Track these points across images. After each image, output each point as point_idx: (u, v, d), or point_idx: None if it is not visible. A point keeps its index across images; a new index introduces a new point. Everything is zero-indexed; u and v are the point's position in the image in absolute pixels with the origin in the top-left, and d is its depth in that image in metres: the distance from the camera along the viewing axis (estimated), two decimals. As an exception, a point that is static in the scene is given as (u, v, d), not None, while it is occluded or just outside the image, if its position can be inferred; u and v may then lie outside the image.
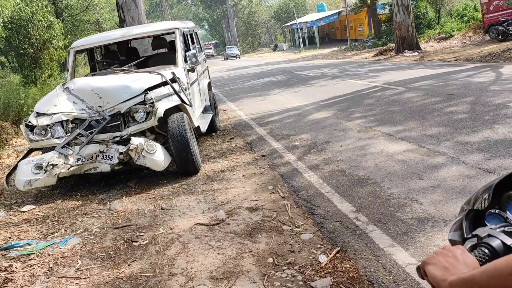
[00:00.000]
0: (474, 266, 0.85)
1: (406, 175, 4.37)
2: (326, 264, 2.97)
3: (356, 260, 2.97)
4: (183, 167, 5.24)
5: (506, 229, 0.99)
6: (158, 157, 4.91)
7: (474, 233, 1.02)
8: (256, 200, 4.33)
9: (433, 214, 3.43)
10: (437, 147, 5.09)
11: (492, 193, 1.16)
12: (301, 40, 42.05)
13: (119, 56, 7.59)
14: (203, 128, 6.48)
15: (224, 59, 45.27)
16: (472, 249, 0.97)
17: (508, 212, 1.19)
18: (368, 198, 3.99)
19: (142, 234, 3.82)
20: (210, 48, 55.35)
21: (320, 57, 27.16)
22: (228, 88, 16.19)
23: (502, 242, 0.94)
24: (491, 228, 1.01)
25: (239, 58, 44.92)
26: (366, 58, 21.37)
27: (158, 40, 7.50)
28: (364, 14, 33.90)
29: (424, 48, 19.75)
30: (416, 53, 18.02)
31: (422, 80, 10.40)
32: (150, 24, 8.84)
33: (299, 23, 41.95)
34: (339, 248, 3.16)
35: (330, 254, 3.09)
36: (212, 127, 7.57)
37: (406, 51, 18.61)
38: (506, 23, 16.44)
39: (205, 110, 7.45)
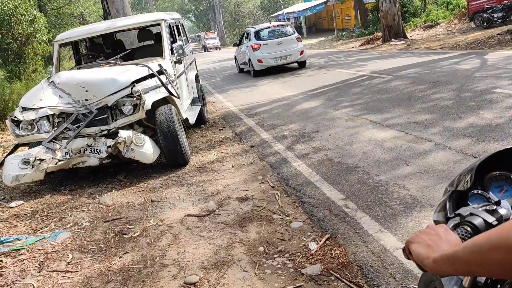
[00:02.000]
0: (457, 243, 0.87)
1: (394, 162, 4.42)
2: (316, 251, 3.01)
3: (346, 247, 3.02)
4: (172, 159, 5.23)
5: (488, 207, 1.02)
6: (146, 149, 4.90)
7: (457, 212, 1.05)
8: (246, 191, 4.35)
9: (420, 199, 3.48)
10: (424, 133, 5.15)
11: (474, 174, 1.19)
12: (288, 30, 41.91)
13: (104, 48, 7.52)
14: (192, 120, 6.47)
15: (204, 51, 45.59)
16: (455, 227, 0.99)
17: (490, 192, 1.23)
18: (357, 185, 4.04)
19: (133, 226, 3.83)
20: (214, 38, 49.17)
21: (307, 47, 27.05)
22: (216, 79, 16.12)
23: (484, 220, 0.97)
24: (473, 208, 1.04)
25: (219, 49, 44.67)
26: (353, 47, 21.38)
27: (144, 32, 7.44)
28: (350, 4, 33.85)
29: (411, 36, 19.83)
30: (402, 42, 18.09)
31: (408, 68, 10.47)
32: (135, 16, 8.75)
33: (285, 13, 41.77)
34: (329, 235, 3.20)
35: (320, 241, 3.13)
36: (201, 119, 7.55)
37: (392, 39, 18.66)
38: (490, 10, 16.56)
39: (193, 102, 7.43)
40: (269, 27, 14.91)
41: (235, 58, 17.00)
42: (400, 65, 11.29)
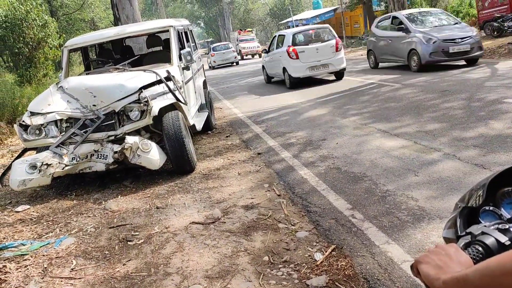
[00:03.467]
0: (467, 264, 0.84)
1: (402, 172, 4.37)
2: (321, 262, 2.96)
3: (352, 258, 2.97)
4: (178, 165, 5.22)
5: (500, 226, 0.98)
6: (153, 155, 4.89)
7: (468, 230, 1.01)
8: (251, 198, 4.32)
9: (428, 211, 3.42)
10: (433, 143, 5.08)
11: (486, 190, 1.15)
12: (297, 37, 41.98)
13: (113, 54, 7.55)
14: (199, 126, 6.46)
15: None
16: (466, 247, 0.96)
17: (502, 209, 1.18)
18: (364, 195, 3.98)
19: (137, 233, 3.80)
20: (253, 39, 35.20)
21: (316, 54, 27.11)
22: (224, 86, 16.16)
23: (496, 239, 0.93)
24: (485, 226, 1.00)
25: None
26: (361, 55, 21.32)
27: (152, 38, 7.47)
28: (359, 11, 33.83)
29: (420, 44, 19.73)
30: (411, 50, 17.98)
31: (417, 77, 10.40)
32: (144, 22, 8.80)
33: (294, 20, 41.85)
34: (335, 245, 3.15)
35: (326, 252, 3.08)
36: (208, 125, 7.55)
37: (402, 47, 18.57)
38: (501, 19, 16.44)
39: (200, 108, 7.43)
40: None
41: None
42: (409, 74, 11.22)
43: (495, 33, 16.56)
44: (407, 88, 9.10)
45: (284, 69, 12.17)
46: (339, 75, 12.50)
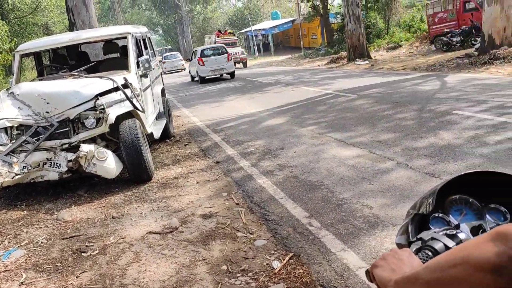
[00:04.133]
0: (420, 266, 0.88)
1: (357, 180, 4.49)
2: (279, 270, 2.99)
3: (309, 265, 3.02)
4: (135, 174, 5.13)
5: (448, 232, 1.04)
6: (109, 164, 4.78)
7: (418, 236, 1.06)
8: (210, 207, 4.30)
9: (382, 218, 3.54)
10: (386, 152, 5.27)
11: (436, 197, 1.21)
12: (255, 47, 42.40)
13: (68, 60, 7.35)
14: (157, 134, 6.38)
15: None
16: (417, 252, 1.01)
17: (451, 215, 1.25)
18: (321, 203, 4.06)
19: (92, 244, 3.70)
20: (234, 43, 29.96)
21: (274, 64, 27.45)
22: (183, 94, 16.04)
23: (444, 244, 0.98)
24: (434, 232, 1.06)
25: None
26: (319, 65, 21.82)
27: (109, 44, 7.32)
28: (317, 23, 34.64)
29: (374, 57, 20.44)
30: (366, 62, 18.62)
31: (372, 88, 10.76)
32: (101, 28, 8.62)
33: (253, 30, 42.27)
34: (293, 253, 3.20)
35: (284, 260, 3.11)
36: (166, 134, 7.47)
37: (357, 59, 19.18)
38: (450, 34, 17.32)
39: (158, 116, 7.34)
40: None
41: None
42: (364, 85, 11.59)
43: (445, 47, 17.41)
44: (362, 99, 9.39)
45: (197, 71, 19.59)
46: (231, 75, 20.02)
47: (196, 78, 20.35)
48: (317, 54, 29.26)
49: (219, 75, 19.84)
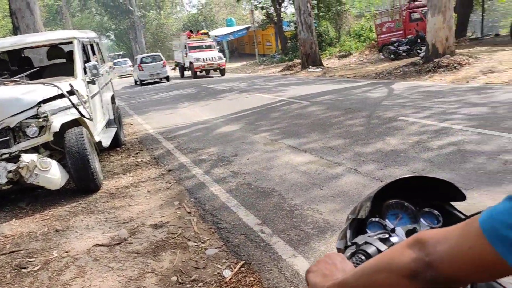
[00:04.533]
0: (350, 272, 0.88)
1: (308, 186, 4.54)
2: (230, 278, 2.96)
3: (260, 273, 3.00)
4: (82, 184, 4.93)
5: (381, 236, 1.06)
6: (53, 174, 4.57)
7: (353, 241, 1.07)
8: (161, 217, 4.20)
9: (332, 223, 3.59)
10: (337, 158, 5.37)
11: (372, 202, 1.23)
12: (211, 53, 42.26)
13: (9, 66, 6.99)
14: (106, 142, 6.18)
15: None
16: (351, 256, 1.01)
17: (387, 220, 1.27)
18: (273, 210, 4.07)
19: (33, 259, 3.51)
20: (210, 46, 25.29)
21: (229, 71, 27.48)
22: (135, 101, 15.70)
23: (377, 248, 0.99)
24: (369, 236, 1.07)
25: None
26: (273, 72, 22.06)
27: (54, 49, 7.04)
28: (271, 31, 35.06)
29: (327, 64, 20.92)
30: (319, 69, 19.01)
31: (324, 95, 10.98)
32: (46, 32, 8.29)
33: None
34: (244, 261, 3.17)
35: (235, 268, 3.08)
36: (117, 142, 7.26)
37: (310, 67, 19.55)
38: (397, 44, 18.02)
39: (108, 124, 7.12)
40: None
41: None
42: (316, 92, 11.81)
43: (392, 56, 18.09)
44: (315, 105, 9.55)
45: (138, 76, 23.45)
46: (167, 79, 24.02)
47: (138, 82, 24.07)
48: (271, 61, 29.59)
49: (157, 79, 23.95)
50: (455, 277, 0.62)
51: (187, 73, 26.38)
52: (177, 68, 29.17)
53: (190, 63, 24.22)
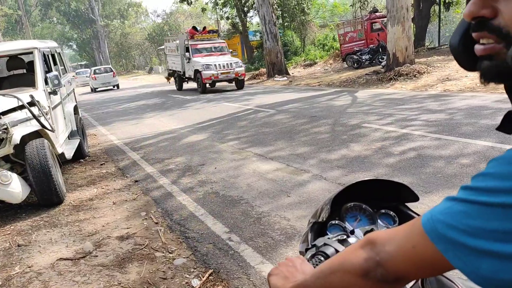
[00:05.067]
0: (310, 272, 0.92)
1: (276, 193, 4.59)
2: (199, 287, 2.95)
3: (228, 281, 3.01)
4: (44, 197, 4.79)
5: (339, 237, 1.10)
6: (14, 188, 4.43)
7: (313, 243, 1.11)
8: (127, 228, 4.15)
9: (299, 229, 3.64)
10: (303, 165, 5.45)
11: (331, 206, 1.28)
12: (176, 63, 42.02)
13: (-34, 77, 6.75)
14: (69, 154, 6.04)
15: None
16: (311, 258, 1.05)
17: (346, 222, 1.33)
18: (241, 217, 4.09)
19: (-7, 276, 3.38)
20: (221, 50, 18.79)
21: (196, 81, 27.41)
22: (99, 111, 15.40)
23: (335, 249, 1.04)
24: (328, 238, 1.11)
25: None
26: (240, 82, 22.13)
27: (14, 60, 6.83)
28: (237, 40, 35.25)
29: (292, 73, 21.22)
30: (285, 78, 19.26)
31: (290, 103, 11.13)
32: (4, 43, 8.04)
33: (174, 46, 41.90)
34: (212, 270, 3.17)
35: (203, 277, 3.08)
36: (80, 153, 7.10)
37: (276, 76, 19.78)
38: (359, 53, 18.52)
39: (71, 135, 6.96)
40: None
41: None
42: (283, 100, 11.96)
43: (355, 64, 18.56)
44: (281, 114, 9.67)
45: (92, 84, 27.87)
46: (117, 87, 28.21)
47: (93, 89, 28.36)
48: (237, 71, 29.68)
49: (109, 87, 28.27)
50: (403, 273, 0.66)
51: (190, 85, 20.45)
52: (172, 78, 22.18)
53: (197, 71, 17.39)
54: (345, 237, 1.09)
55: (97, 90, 27.91)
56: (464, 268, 0.57)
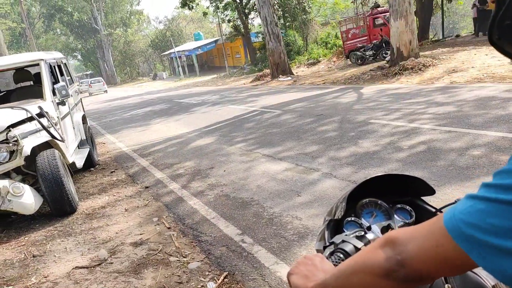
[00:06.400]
0: (331, 271, 0.92)
1: (286, 194, 4.59)
2: (215, 290, 2.96)
3: (244, 282, 3.01)
4: (57, 207, 4.83)
5: (357, 234, 1.10)
6: (26, 199, 4.47)
7: (331, 240, 1.11)
8: (140, 234, 4.17)
9: (311, 228, 3.64)
10: (312, 164, 5.44)
11: (346, 203, 1.28)
12: (180, 68, 42.24)
13: (-26, 91, 6.83)
14: (79, 163, 6.08)
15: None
16: (330, 255, 1.05)
17: (362, 218, 1.33)
18: (252, 219, 4.09)
19: (11, 287, 3.41)
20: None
21: (200, 85, 27.52)
22: (107, 119, 15.50)
23: (354, 246, 1.03)
24: (346, 235, 1.11)
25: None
26: (244, 84, 22.18)
27: (21, 72, 6.91)
28: (239, 42, 35.32)
29: (296, 73, 21.20)
30: (289, 78, 19.24)
31: (296, 103, 11.12)
32: (11, 56, 8.13)
33: (177, 51, 42.13)
34: (227, 272, 3.18)
35: (218, 280, 3.08)
36: (90, 162, 7.15)
37: (280, 76, 19.77)
38: (363, 49, 18.45)
39: (80, 145, 7.01)
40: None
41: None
42: (288, 100, 11.95)
43: (359, 61, 18.49)
44: (287, 114, 9.67)
45: (90, 90, 37.91)
46: (105, 92, 37.68)
47: (89, 94, 36.36)
48: (241, 73, 29.75)
49: (100, 92, 37.18)
50: (427, 272, 0.65)
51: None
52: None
53: None
54: (362, 233, 1.09)
55: (92, 94, 38.35)
56: (489, 267, 0.57)
